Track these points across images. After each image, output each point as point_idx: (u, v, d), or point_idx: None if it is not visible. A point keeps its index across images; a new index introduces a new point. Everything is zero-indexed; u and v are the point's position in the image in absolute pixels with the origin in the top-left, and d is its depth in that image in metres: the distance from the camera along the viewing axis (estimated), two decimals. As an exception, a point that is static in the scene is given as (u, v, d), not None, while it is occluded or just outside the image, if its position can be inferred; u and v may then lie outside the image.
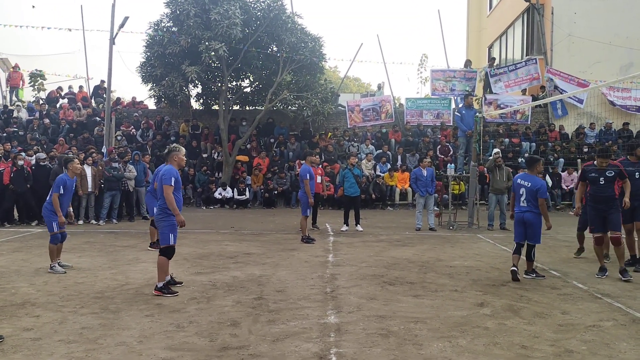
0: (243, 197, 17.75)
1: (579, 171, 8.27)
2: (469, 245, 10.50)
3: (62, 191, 7.95)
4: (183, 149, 6.98)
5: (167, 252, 6.65)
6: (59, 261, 8.04)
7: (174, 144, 7.18)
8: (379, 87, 23.34)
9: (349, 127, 20.97)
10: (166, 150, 7.00)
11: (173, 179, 6.59)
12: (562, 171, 18.47)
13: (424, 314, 5.74)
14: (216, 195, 17.75)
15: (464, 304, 6.18)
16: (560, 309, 6.01)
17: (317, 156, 12.04)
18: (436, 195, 13.92)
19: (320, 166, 13.80)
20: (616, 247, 7.67)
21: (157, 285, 6.62)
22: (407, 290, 6.77)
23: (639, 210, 8.16)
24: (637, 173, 8.24)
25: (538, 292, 6.74)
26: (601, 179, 7.73)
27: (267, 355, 4.50)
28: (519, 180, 7.68)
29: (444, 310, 5.90)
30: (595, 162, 8.19)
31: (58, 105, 22.21)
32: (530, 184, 7.52)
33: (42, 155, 14.34)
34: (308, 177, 10.91)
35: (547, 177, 18.15)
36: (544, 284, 7.18)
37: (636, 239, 8.33)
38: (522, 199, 7.55)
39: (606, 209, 7.70)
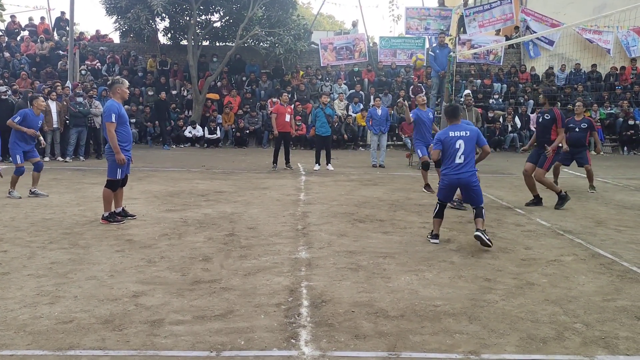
0: (214, 136, 17.54)
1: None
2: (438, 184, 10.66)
3: (16, 120, 8.49)
4: (126, 82, 7.01)
5: (112, 185, 6.86)
6: (35, 189, 8.59)
7: (117, 76, 7.16)
8: (353, 24, 22.86)
9: (322, 65, 20.64)
10: (109, 82, 7.02)
11: (114, 116, 6.63)
12: (531, 112, 18.70)
13: (393, 250, 5.87)
14: (186, 133, 17.49)
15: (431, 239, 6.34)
16: (524, 244, 6.22)
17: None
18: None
19: (291, 105, 13.69)
20: None
21: (103, 215, 6.88)
22: (376, 227, 6.89)
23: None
24: (540, 118, 8.60)
25: (503, 229, 6.94)
26: None
27: (238, 289, 4.57)
28: (450, 133, 6.13)
29: (412, 246, 6.04)
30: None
31: (19, 38, 21.20)
32: (468, 132, 6.11)
33: (3, 88, 13.74)
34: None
35: (516, 118, 18.39)
36: (509, 221, 7.40)
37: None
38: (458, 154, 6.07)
39: None
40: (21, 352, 3.40)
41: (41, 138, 9.53)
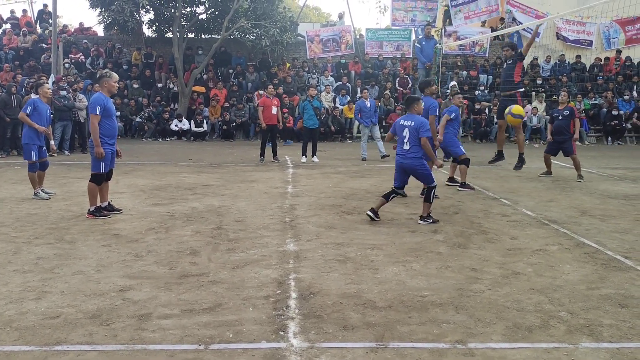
0: (200, 129, 17.44)
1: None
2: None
3: (28, 111, 7.97)
4: (115, 75, 6.92)
5: (97, 178, 6.81)
6: (42, 188, 8.11)
7: (106, 70, 7.09)
8: (340, 16, 22.80)
9: (308, 57, 20.57)
10: (98, 75, 6.96)
11: (99, 108, 6.60)
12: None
13: (380, 241, 5.90)
14: (172, 127, 17.37)
15: (418, 231, 6.38)
16: (509, 234, 6.28)
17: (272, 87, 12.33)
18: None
19: (277, 97, 13.65)
20: None
21: (89, 210, 6.83)
22: (364, 219, 6.91)
23: None
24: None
25: (489, 219, 7.00)
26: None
27: (227, 282, 4.57)
28: (401, 122, 6.80)
29: (399, 237, 6.07)
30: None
31: (0, 31, 20.85)
32: (413, 122, 6.67)
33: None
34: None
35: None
36: (495, 212, 7.46)
37: None
38: (405, 140, 6.68)
39: None
40: (7, 348, 3.37)
41: (52, 142, 9.30)
